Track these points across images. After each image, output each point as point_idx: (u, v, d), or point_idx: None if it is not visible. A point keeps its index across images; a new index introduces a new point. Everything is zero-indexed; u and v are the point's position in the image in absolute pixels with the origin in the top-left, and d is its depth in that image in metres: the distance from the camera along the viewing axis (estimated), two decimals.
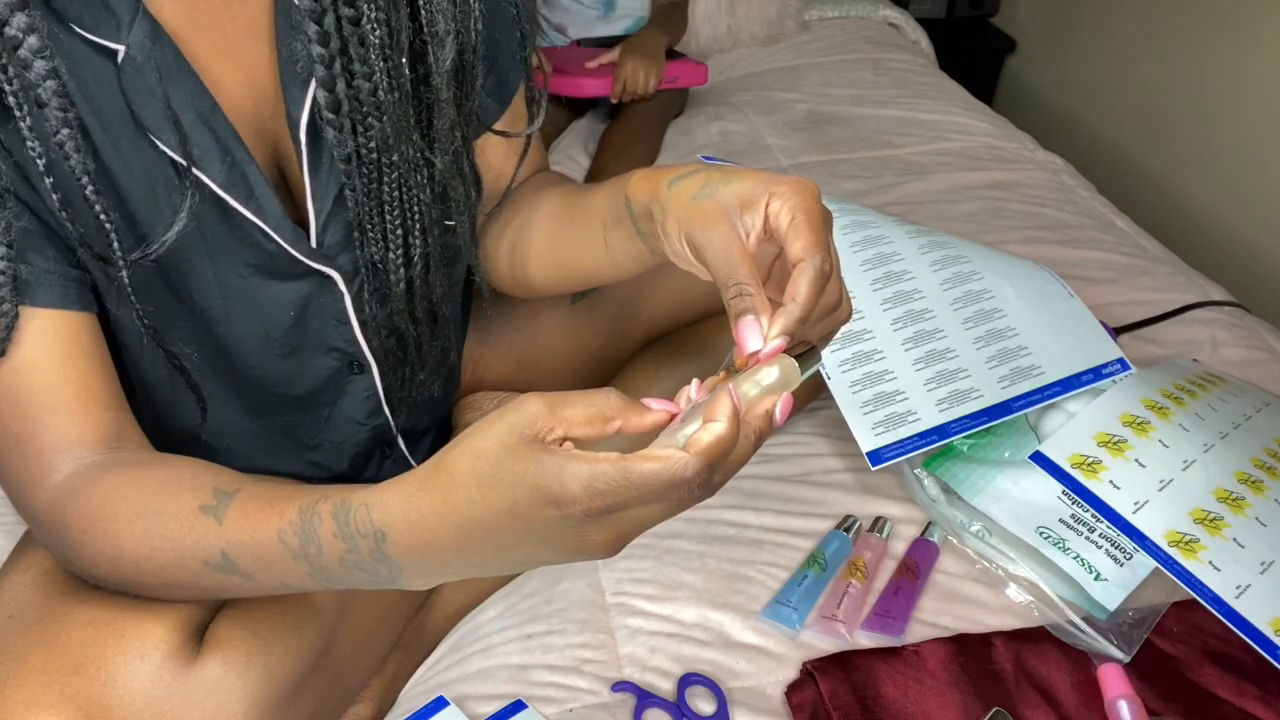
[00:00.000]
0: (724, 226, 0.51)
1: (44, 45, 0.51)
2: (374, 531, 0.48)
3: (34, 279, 0.56)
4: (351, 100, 0.60)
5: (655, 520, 0.44)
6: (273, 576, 0.53)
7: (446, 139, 0.65)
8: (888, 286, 0.88)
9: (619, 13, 1.68)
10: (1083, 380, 0.89)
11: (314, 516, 0.50)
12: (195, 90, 0.58)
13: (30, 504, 0.58)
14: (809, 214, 0.51)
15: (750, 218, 0.52)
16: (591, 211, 0.64)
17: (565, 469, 0.42)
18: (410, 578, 0.49)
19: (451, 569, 0.48)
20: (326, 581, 0.52)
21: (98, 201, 0.54)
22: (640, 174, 0.59)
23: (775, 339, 0.47)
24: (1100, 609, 0.79)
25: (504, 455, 0.43)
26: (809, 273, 0.49)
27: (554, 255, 0.71)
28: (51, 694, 0.54)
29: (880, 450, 0.83)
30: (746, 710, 0.74)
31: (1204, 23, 1.76)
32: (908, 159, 1.53)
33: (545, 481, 0.42)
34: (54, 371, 0.57)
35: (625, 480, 0.41)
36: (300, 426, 0.75)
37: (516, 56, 0.70)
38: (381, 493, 0.48)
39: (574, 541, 0.44)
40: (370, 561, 0.49)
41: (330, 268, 0.66)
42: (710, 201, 0.53)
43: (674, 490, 0.41)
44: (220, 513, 0.53)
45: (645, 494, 0.41)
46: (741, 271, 0.49)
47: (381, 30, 0.58)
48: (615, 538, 0.44)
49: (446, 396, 0.88)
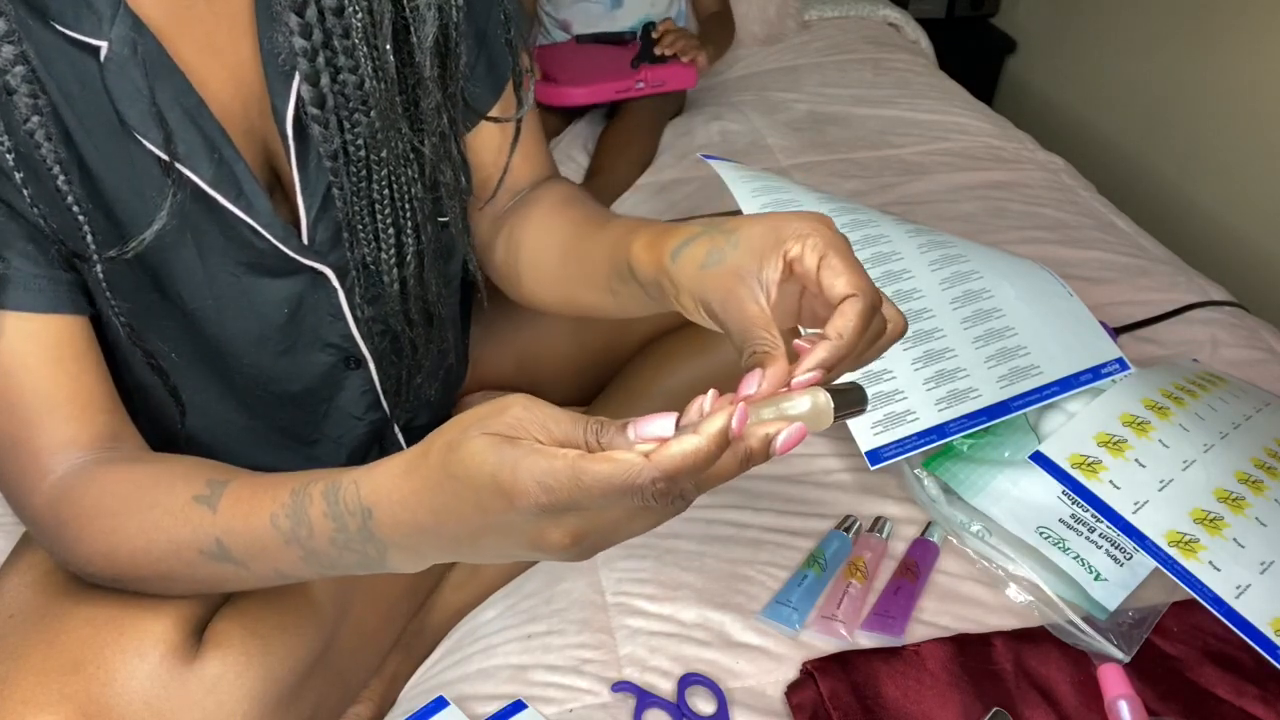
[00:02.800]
0: (740, 291, 0.50)
1: (10, 30, 0.50)
2: (361, 509, 0.48)
3: (23, 283, 0.56)
4: (337, 95, 0.59)
5: (622, 527, 0.43)
6: (266, 563, 0.52)
7: (433, 121, 0.64)
8: (886, 286, 0.88)
9: (625, 9, 1.68)
10: (1081, 380, 0.89)
11: (305, 497, 0.50)
12: (180, 87, 0.57)
13: (27, 506, 0.58)
14: (838, 249, 0.50)
15: (767, 271, 0.50)
16: (596, 261, 0.63)
17: (521, 463, 0.41)
18: (396, 558, 0.49)
19: (432, 551, 0.48)
20: (319, 566, 0.52)
21: (70, 193, 0.54)
22: (641, 243, 0.58)
23: (812, 371, 0.45)
24: (1100, 609, 0.79)
25: (471, 445, 0.43)
26: (858, 307, 0.47)
27: (559, 289, 0.70)
28: (51, 693, 0.54)
29: (879, 450, 0.83)
30: (746, 710, 0.74)
31: (1204, 23, 1.76)
32: (908, 159, 1.53)
33: (501, 475, 0.41)
34: (46, 375, 0.57)
35: (576, 479, 0.40)
36: (298, 423, 0.75)
37: (501, 39, 0.69)
38: (370, 471, 0.48)
39: (532, 536, 0.43)
40: (358, 540, 0.49)
41: (323, 264, 0.66)
42: (720, 268, 0.51)
43: (625, 495, 0.40)
44: (214, 501, 0.53)
45: (597, 496, 0.40)
46: (757, 333, 0.48)
47: (364, 15, 0.57)
48: (574, 537, 0.43)
49: (447, 395, 0.88)
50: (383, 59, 0.59)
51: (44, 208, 0.54)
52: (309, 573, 0.53)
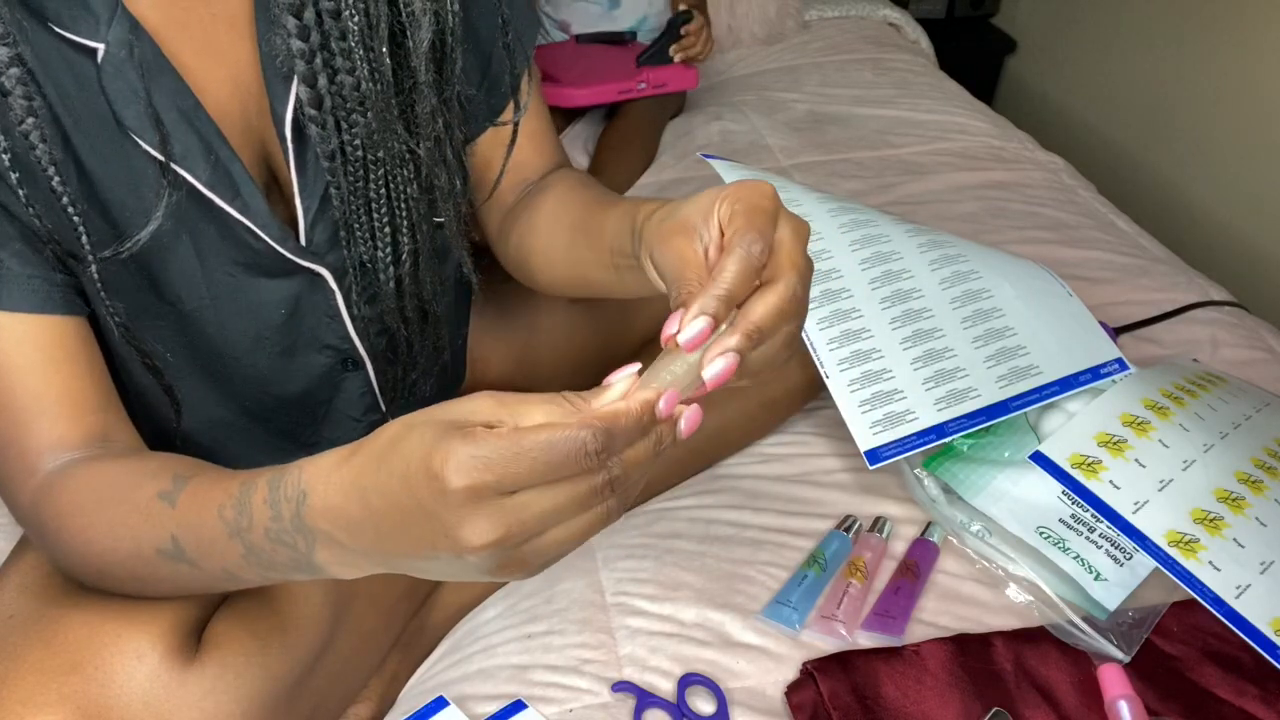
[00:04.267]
0: (678, 240, 0.50)
1: (6, 32, 0.51)
2: (298, 493, 0.46)
3: (17, 283, 0.56)
4: (334, 96, 0.59)
5: (550, 529, 0.41)
6: (215, 561, 0.51)
7: (428, 125, 0.64)
8: (886, 285, 0.88)
9: (624, 9, 1.68)
10: (1080, 380, 0.89)
11: (252, 486, 0.49)
12: (177, 88, 0.58)
13: (16, 505, 0.59)
14: (748, 204, 0.49)
15: (707, 229, 0.50)
16: (603, 239, 0.64)
17: (457, 445, 0.40)
18: (324, 553, 0.47)
19: (357, 550, 0.46)
20: (259, 565, 0.50)
21: (65, 194, 0.54)
22: (641, 214, 0.58)
23: (697, 321, 0.45)
24: (1100, 609, 0.79)
25: (419, 428, 0.42)
26: (737, 252, 0.47)
27: (568, 270, 0.70)
28: (49, 694, 0.54)
29: (878, 449, 0.83)
30: (746, 710, 0.74)
31: (1204, 22, 1.76)
32: (908, 159, 1.53)
33: (435, 456, 0.40)
34: (37, 376, 0.57)
35: (514, 447, 0.39)
36: (297, 425, 0.75)
37: (499, 43, 0.70)
38: (316, 456, 0.47)
39: (452, 531, 0.41)
40: (290, 531, 0.47)
41: (320, 265, 0.66)
42: (671, 221, 0.52)
43: (566, 460, 0.39)
44: (175, 497, 0.52)
45: (539, 467, 0.39)
46: (687, 274, 0.48)
47: (361, 19, 0.58)
48: (499, 533, 0.40)
49: (445, 393, 0.88)
50: (379, 61, 0.59)
51: (39, 209, 0.54)
52: (251, 574, 0.51)
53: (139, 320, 0.62)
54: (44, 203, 0.54)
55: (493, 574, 0.43)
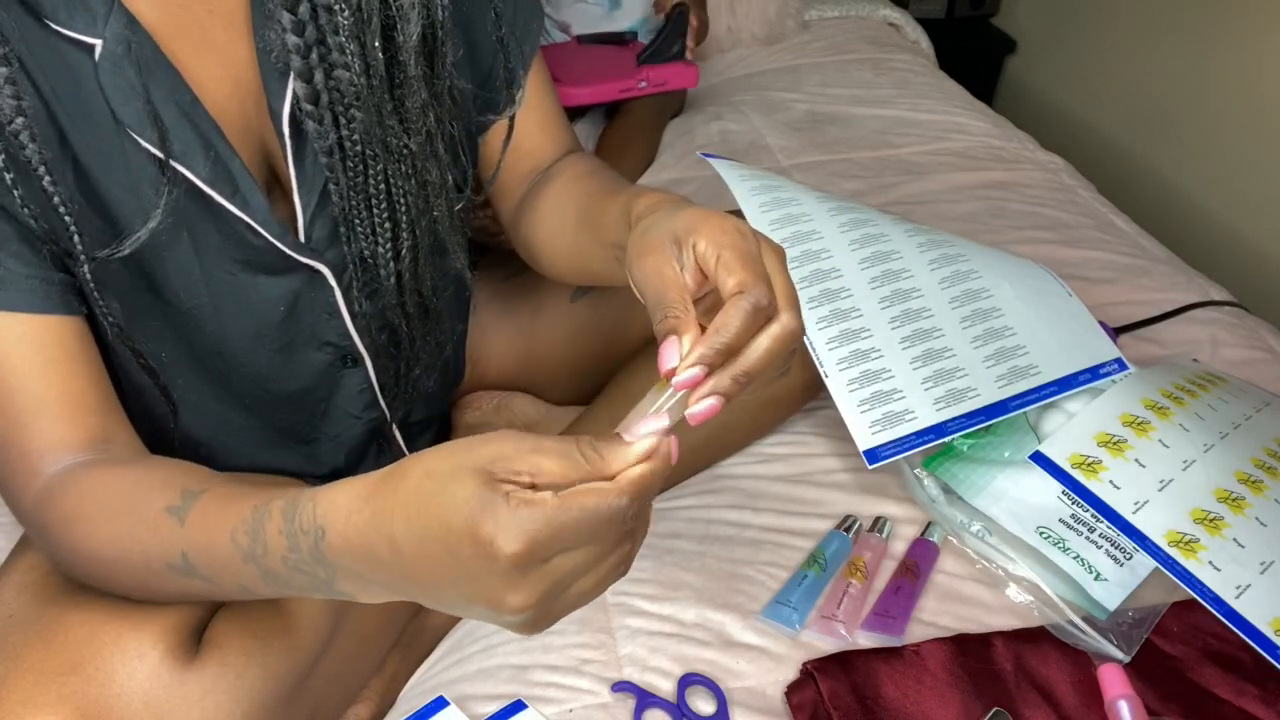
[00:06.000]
0: (657, 257, 0.50)
1: None
2: (315, 528, 0.47)
3: (15, 283, 0.56)
4: (331, 91, 0.59)
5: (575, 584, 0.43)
6: (230, 579, 0.52)
7: (418, 120, 0.64)
8: (885, 284, 0.88)
9: (625, 9, 1.68)
10: (1080, 380, 0.89)
11: (265, 513, 0.49)
12: (175, 85, 0.57)
13: (18, 506, 0.58)
14: (735, 248, 0.49)
15: (685, 254, 0.51)
16: (605, 228, 0.64)
17: (503, 514, 0.40)
18: (346, 584, 0.48)
19: (381, 583, 0.46)
20: (276, 586, 0.51)
21: (56, 193, 0.54)
22: (640, 207, 0.58)
23: (693, 370, 0.46)
24: (1100, 609, 0.79)
25: (451, 480, 0.42)
26: (743, 305, 0.47)
27: (572, 260, 0.71)
28: (49, 694, 0.54)
29: (877, 449, 0.83)
30: (746, 710, 0.74)
31: (1204, 22, 1.76)
32: (908, 159, 1.53)
33: (483, 526, 0.40)
34: (36, 376, 0.57)
35: (563, 519, 0.40)
36: (296, 423, 0.75)
37: (492, 36, 0.70)
38: (330, 490, 0.47)
39: (494, 594, 0.42)
40: (309, 562, 0.47)
41: (319, 262, 0.66)
42: (653, 235, 0.52)
43: (608, 524, 0.41)
44: (184, 513, 0.52)
45: (583, 534, 0.41)
46: (670, 296, 0.48)
47: (351, 13, 0.58)
48: (537, 598, 0.42)
49: (445, 391, 0.88)
50: (372, 56, 0.59)
51: (35, 208, 0.54)
52: (270, 591, 0.52)
53: (137, 319, 0.62)
54: (39, 203, 0.54)
55: (522, 630, 0.44)
